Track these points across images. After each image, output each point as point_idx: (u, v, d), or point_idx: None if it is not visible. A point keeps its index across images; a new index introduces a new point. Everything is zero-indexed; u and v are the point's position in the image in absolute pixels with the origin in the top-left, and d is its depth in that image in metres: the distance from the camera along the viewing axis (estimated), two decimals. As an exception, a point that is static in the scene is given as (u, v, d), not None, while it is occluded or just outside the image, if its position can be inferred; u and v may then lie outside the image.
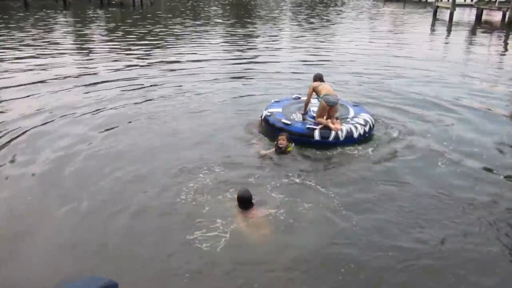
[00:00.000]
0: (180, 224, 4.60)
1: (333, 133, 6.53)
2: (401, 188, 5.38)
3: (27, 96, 9.27)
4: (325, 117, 6.73)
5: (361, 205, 4.98)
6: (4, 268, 3.99)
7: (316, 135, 6.53)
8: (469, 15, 32.68)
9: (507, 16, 25.81)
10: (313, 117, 6.91)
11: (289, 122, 6.75)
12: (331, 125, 6.62)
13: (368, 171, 5.86)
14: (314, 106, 6.99)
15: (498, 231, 4.54)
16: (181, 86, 10.40)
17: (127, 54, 14.73)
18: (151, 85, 10.39)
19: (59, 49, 15.44)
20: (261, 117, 7.32)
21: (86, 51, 15.51)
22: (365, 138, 6.79)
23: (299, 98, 7.75)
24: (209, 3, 46.72)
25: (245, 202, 4.67)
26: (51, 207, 4.97)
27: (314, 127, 6.61)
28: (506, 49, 18.21)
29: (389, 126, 7.50)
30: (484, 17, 29.33)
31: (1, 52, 14.40)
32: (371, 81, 11.17)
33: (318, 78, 7.12)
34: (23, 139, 6.88)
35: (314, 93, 6.88)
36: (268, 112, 7.15)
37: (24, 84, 10.19)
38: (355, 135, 6.63)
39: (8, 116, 7.96)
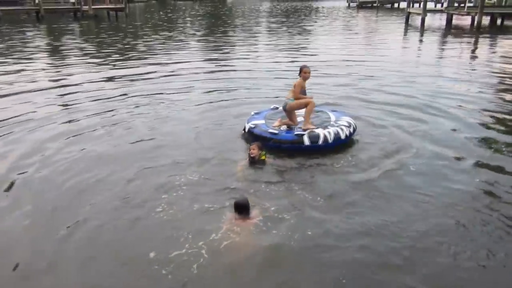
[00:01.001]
0: (156, 238, 4.51)
1: (322, 136, 6.53)
2: (382, 193, 5.36)
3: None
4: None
5: (344, 209, 4.96)
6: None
7: (306, 140, 6.52)
8: (440, 20, 33.56)
9: (475, 20, 26.61)
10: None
11: (276, 131, 6.74)
12: (307, 125, 6.72)
13: (348, 175, 5.87)
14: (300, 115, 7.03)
15: (482, 232, 4.57)
16: (156, 95, 10.31)
17: (100, 65, 14.57)
18: (124, 95, 10.27)
19: (30, 61, 15.18)
20: (244, 130, 7.28)
21: (58, 63, 15.27)
22: (350, 139, 6.87)
23: (277, 108, 7.79)
24: (184, 14, 46.77)
25: (242, 209, 4.61)
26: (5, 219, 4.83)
27: (303, 133, 6.61)
28: (475, 52, 18.74)
29: (368, 128, 7.60)
30: (454, 22, 30.20)
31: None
32: (347, 84, 11.31)
33: None
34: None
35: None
36: (252, 124, 7.11)
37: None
38: (342, 136, 6.69)
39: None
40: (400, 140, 7.06)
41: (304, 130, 6.69)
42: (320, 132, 6.60)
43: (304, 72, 6.71)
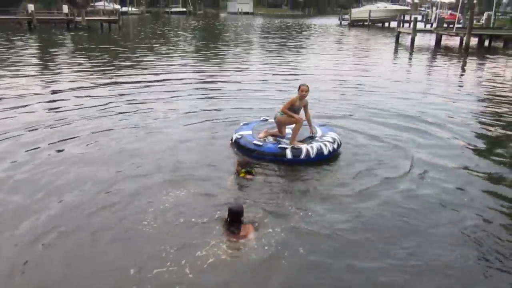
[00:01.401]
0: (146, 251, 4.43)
1: (304, 151, 6.63)
2: (368, 210, 5.36)
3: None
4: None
5: (333, 225, 4.96)
6: None
7: (288, 154, 6.63)
8: (430, 40, 34.08)
9: (464, 41, 27.09)
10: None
11: (260, 143, 6.84)
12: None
13: (335, 191, 5.90)
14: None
15: (474, 249, 4.59)
16: (144, 106, 10.30)
17: (92, 76, 14.52)
18: (112, 106, 10.25)
19: (20, 70, 15.07)
20: (231, 140, 7.36)
21: (49, 73, 15.17)
22: (333, 154, 6.96)
23: (267, 120, 7.88)
24: (178, 27, 47.02)
25: (235, 215, 4.52)
26: None
27: (286, 146, 6.73)
28: (464, 71, 19.05)
29: (354, 143, 7.66)
30: (443, 42, 30.70)
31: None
32: (337, 100, 11.43)
33: None
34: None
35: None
36: (238, 135, 7.24)
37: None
38: (325, 152, 6.80)
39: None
40: (387, 156, 7.14)
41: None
42: (303, 147, 6.72)
43: (300, 90, 6.86)
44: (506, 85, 15.13)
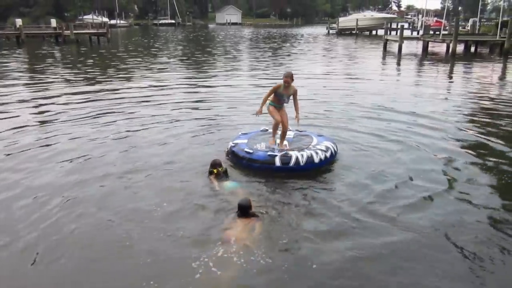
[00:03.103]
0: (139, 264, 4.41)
1: (293, 159, 6.59)
2: (363, 219, 5.36)
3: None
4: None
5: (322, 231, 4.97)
6: None
7: (277, 161, 6.59)
8: (417, 47, 34.56)
9: (450, 47, 27.54)
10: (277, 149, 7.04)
11: (251, 151, 6.84)
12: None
13: (333, 197, 5.90)
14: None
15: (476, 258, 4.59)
16: (140, 117, 10.25)
17: (81, 88, 14.45)
18: (100, 118, 10.19)
19: (9, 83, 14.99)
20: (227, 148, 7.39)
21: (37, 86, 15.08)
22: (326, 163, 6.88)
23: (267, 130, 7.90)
24: (166, 40, 47.13)
25: (244, 209, 4.96)
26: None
27: (275, 153, 6.69)
28: (451, 77, 19.31)
29: (348, 152, 7.69)
30: (430, 49, 31.17)
31: None
32: (328, 108, 11.47)
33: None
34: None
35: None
36: (233, 143, 7.28)
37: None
38: (316, 160, 6.71)
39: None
40: (381, 164, 7.09)
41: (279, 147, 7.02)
42: (293, 154, 6.68)
43: (284, 78, 6.88)
44: (493, 88, 15.38)
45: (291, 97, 7.04)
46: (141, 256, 4.39)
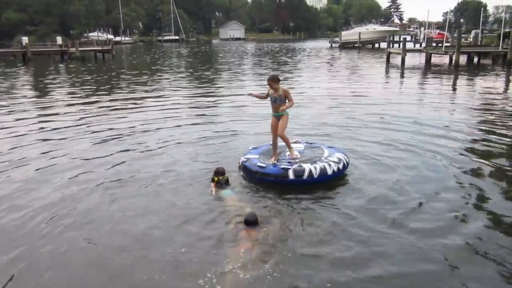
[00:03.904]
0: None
1: (307, 171, 6.54)
2: (371, 231, 5.34)
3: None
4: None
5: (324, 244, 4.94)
6: None
7: (290, 174, 6.52)
8: (419, 59, 34.67)
9: (453, 59, 27.62)
10: (289, 160, 6.99)
11: (264, 165, 6.76)
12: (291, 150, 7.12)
13: (337, 210, 5.89)
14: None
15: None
16: (146, 132, 10.31)
17: (87, 104, 14.57)
18: (115, 134, 10.25)
19: (15, 101, 15.16)
20: (239, 163, 7.32)
21: (41, 102, 15.23)
22: (339, 175, 6.85)
23: None
24: (170, 55, 47.58)
25: (251, 223, 5.03)
26: None
27: (288, 167, 6.63)
28: (454, 88, 19.31)
29: (357, 163, 7.66)
30: (433, 61, 31.26)
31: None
32: (333, 120, 11.46)
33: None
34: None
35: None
36: (244, 158, 7.20)
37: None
38: (329, 172, 6.64)
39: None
40: (393, 175, 7.05)
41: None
42: (306, 167, 6.60)
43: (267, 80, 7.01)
44: (497, 98, 15.36)
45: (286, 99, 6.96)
46: (135, 277, 4.36)
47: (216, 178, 6.46)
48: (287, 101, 6.90)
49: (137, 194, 6.43)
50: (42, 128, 11.16)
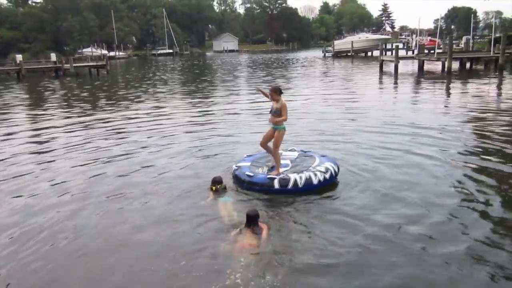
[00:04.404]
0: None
1: (291, 180, 6.64)
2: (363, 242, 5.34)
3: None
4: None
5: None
6: None
7: (276, 184, 6.66)
8: (412, 66, 34.93)
9: (446, 65, 27.86)
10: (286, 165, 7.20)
11: (252, 174, 6.93)
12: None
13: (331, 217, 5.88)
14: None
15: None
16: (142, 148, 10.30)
17: (81, 118, 14.54)
18: (109, 145, 10.23)
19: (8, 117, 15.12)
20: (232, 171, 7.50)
21: (36, 119, 15.20)
22: (325, 184, 6.86)
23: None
24: (164, 70, 47.71)
25: (252, 219, 5.18)
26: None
27: (274, 176, 6.78)
28: (448, 94, 19.45)
29: (348, 172, 7.69)
30: (426, 67, 31.52)
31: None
32: (327, 128, 11.50)
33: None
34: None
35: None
36: (236, 166, 7.41)
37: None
38: (315, 181, 6.73)
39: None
40: (382, 186, 7.02)
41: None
42: (291, 176, 6.74)
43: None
44: (491, 103, 15.48)
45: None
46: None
47: (214, 188, 6.65)
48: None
49: (131, 206, 6.45)
50: (33, 142, 11.21)
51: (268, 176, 6.82)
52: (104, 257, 4.99)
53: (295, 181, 6.66)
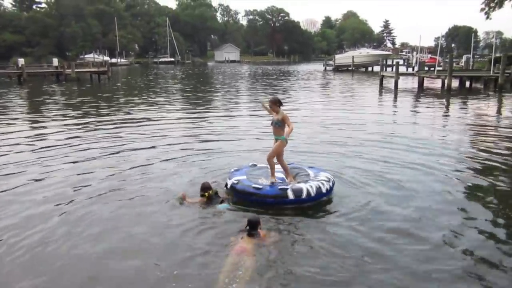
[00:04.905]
0: None
1: (305, 190, 6.56)
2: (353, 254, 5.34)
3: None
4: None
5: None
6: None
7: (290, 194, 6.53)
8: (412, 82, 35.12)
9: (445, 83, 28.02)
10: (282, 179, 7.07)
11: (260, 186, 6.70)
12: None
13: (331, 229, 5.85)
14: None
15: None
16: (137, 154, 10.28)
17: (78, 123, 14.54)
18: (104, 152, 10.20)
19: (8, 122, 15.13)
20: (226, 186, 7.20)
21: (37, 125, 15.18)
22: (330, 193, 6.99)
23: (256, 165, 7.88)
24: (165, 77, 47.89)
25: (253, 225, 5.27)
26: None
27: (286, 187, 6.64)
28: (448, 111, 19.53)
29: (346, 185, 7.69)
30: (425, 84, 31.69)
31: None
32: (327, 142, 11.50)
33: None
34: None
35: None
36: (234, 180, 7.06)
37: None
38: (324, 190, 6.77)
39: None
40: (378, 200, 7.00)
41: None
42: (303, 186, 6.66)
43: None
44: (490, 120, 15.54)
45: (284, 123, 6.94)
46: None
47: (206, 194, 6.58)
48: (287, 126, 6.86)
49: (123, 213, 6.42)
50: (30, 145, 11.18)
51: (280, 187, 6.63)
52: (93, 264, 4.95)
53: (308, 190, 6.58)
